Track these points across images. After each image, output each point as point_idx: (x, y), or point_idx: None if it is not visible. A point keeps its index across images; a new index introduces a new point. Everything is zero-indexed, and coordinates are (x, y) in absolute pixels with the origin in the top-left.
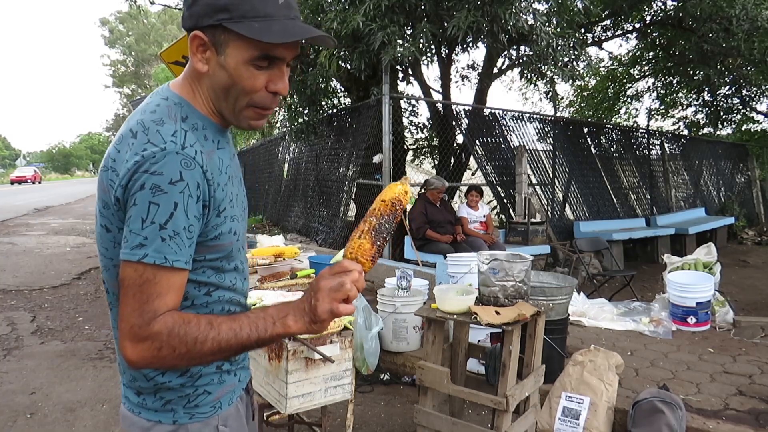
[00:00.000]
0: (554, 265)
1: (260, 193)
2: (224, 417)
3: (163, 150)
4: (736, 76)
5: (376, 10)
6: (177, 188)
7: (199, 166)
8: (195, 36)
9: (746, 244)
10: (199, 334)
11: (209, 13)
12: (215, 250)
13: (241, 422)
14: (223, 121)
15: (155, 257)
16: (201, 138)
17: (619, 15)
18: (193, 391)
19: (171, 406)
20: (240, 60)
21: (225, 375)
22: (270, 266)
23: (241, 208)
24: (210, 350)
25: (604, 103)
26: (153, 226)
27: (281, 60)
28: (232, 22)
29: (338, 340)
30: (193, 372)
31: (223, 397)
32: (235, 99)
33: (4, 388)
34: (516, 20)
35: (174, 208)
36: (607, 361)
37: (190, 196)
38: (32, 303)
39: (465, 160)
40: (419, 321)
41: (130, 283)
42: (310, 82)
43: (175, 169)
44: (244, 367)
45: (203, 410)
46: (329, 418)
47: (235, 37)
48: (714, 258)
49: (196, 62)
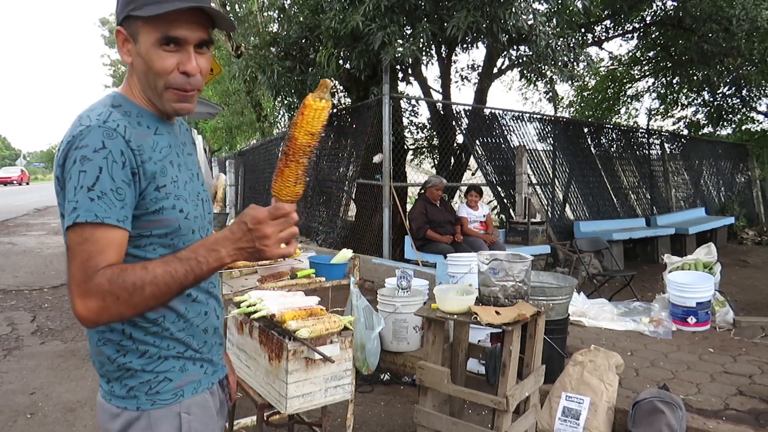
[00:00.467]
0: (554, 265)
1: (260, 193)
2: (187, 405)
3: (88, 126)
4: (736, 76)
5: (375, 10)
6: (100, 155)
7: (121, 136)
8: (118, 32)
9: (746, 244)
10: (137, 279)
11: (122, 8)
12: (160, 225)
13: (209, 414)
14: (160, 111)
15: (86, 216)
16: (134, 122)
17: (619, 15)
18: (154, 378)
19: (134, 393)
20: (149, 44)
21: (188, 363)
22: (270, 266)
23: (195, 198)
24: (151, 293)
25: (604, 103)
26: (82, 191)
27: (185, 41)
28: (137, 10)
29: (338, 340)
30: (152, 353)
31: (186, 385)
32: (153, 83)
33: (4, 388)
34: (516, 20)
35: (99, 172)
36: (607, 361)
37: (114, 162)
38: (32, 303)
39: (465, 160)
40: (419, 321)
41: (72, 245)
42: (309, 82)
43: (98, 139)
44: (212, 361)
45: (164, 397)
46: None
47: (141, 23)
48: (714, 258)
49: (122, 55)
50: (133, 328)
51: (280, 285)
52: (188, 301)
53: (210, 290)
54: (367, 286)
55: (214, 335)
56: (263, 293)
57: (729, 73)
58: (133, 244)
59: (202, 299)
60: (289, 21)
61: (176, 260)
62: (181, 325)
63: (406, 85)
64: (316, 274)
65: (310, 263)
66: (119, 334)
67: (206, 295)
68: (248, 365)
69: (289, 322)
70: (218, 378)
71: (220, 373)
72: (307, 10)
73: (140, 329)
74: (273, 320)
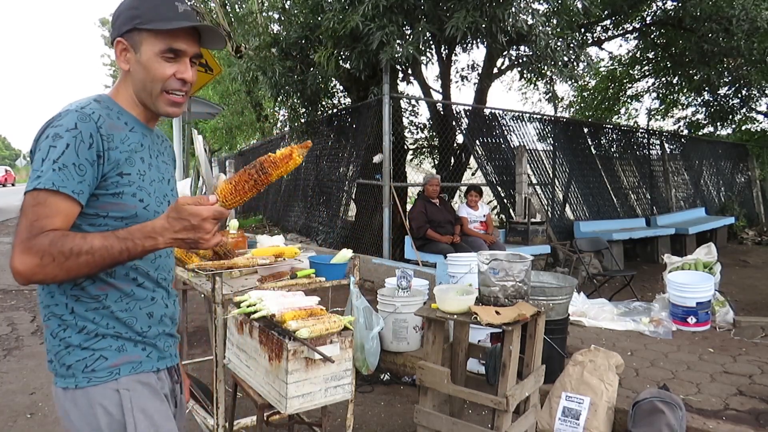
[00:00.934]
0: (554, 265)
1: (260, 193)
2: (125, 383)
3: (66, 111)
4: (736, 76)
5: (374, 10)
6: (71, 134)
7: (94, 121)
8: (118, 42)
9: (746, 244)
10: (74, 246)
11: (127, 22)
12: (117, 208)
13: (155, 391)
14: (144, 114)
15: (45, 183)
16: (111, 115)
17: (619, 15)
18: (90, 355)
19: (72, 371)
20: (151, 54)
21: (128, 344)
22: (270, 266)
23: (160, 196)
24: (86, 262)
25: (604, 103)
26: (48, 162)
27: (184, 53)
28: (144, 23)
29: (338, 340)
30: (89, 330)
31: (123, 365)
32: (151, 87)
33: (4, 388)
34: (515, 20)
35: (66, 148)
36: (607, 361)
37: (82, 141)
38: (32, 303)
39: (465, 160)
40: (419, 321)
41: (25, 206)
42: (309, 82)
43: (72, 121)
44: (156, 346)
45: (100, 374)
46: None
47: (147, 35)
48: (714, 258)
49: (120, 63)
50: (76, 302)
51: (280, 285)
52: (133, 285)
53: (159, 281)
54: (367, 286)
55: (161, 324)
56: (263, 293)
57: (729, 73)
58: (88, 221)
59: (149, 286)
60: (290, 21)
61: (114, 237)
62: (124, 305)
63: (406, 85)
64: (316, 274)
65: (310, 263)
66: (63, 307)
67: (154, 284)
68: (248, 365)
69: (289, 322)
70: (166, 365)
71: (169, 361)
72: (307, 10)
73: (82, 303)
74: (273, 320)
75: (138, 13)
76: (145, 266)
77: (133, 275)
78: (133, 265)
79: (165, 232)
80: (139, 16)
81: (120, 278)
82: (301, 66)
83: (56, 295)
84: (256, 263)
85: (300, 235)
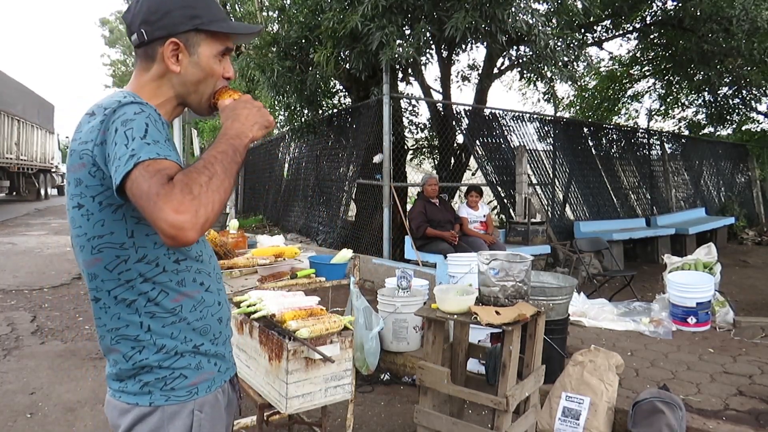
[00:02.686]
0: (554, 265)
1: (260, 193)
2: (200, 403)
3: (120, 102)
4: (737, 76)
5: (374, 11)
6: (142, 116)
7: (151, 107)
8: (171, 42)
9: (746, 244)
10: (200, 163)
11: (184, 21)
12: None
13: (220, 413)
14: (171, 113)
15: (148, 155)
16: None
17: (619, 15)
18: (170, 374)
19: (148, 389)
20: (210, 55)
21: (204, 361)
22: (270, 266)
23: None
24: (222, 170)
25: (604, 103)
26: (135, 140)
27: (230, 51)
28: (206, 24)
29: (338, 340)
30: (169, 348)
31: (201, 383)
32: (204, 88)
33: (4, 388)
34: (515, 21)
35: (147, 127)
36: (607, 361)
37: (156, 120)
38: (32, 303)
39: (465, 160)
40: (419, 321)
41: (136, 178)
42: (309, 82)
43: (134, 108)
44: (224, 357)
45: (179, 393)
46: (329, 418)
47: (205, 36)
48: (714, 258)
49: (170, 65)
50: (152, 319)
51: (280, 285)
52: (202, 290)
53: (218, 281)
54: (367, 286)
55: (227, 327)
56: (263, 293)
57: (729, 73)
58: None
59: (214, 290)
60: (289, 21)
61: (219, 144)
62: (198, 314)
63: (406, 85)
64: (316, 274)
65: (310, 263)
66: (136, 327)
67: (216, 287)
68: (248, 365)
69: (289, 322)
70: (230, 376)
71: (231, 371)
72: (307, 10)
73: (158, 319)
74: (273, 320)
75: (197, 13)
76: (207, 268)
77: (200, 279)
78: (198, 269)
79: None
80: (198, 16)
81: (190, 285)
82: (301, 66)
83: (124, 315)
84: (256, 263)
85: (300, 235)
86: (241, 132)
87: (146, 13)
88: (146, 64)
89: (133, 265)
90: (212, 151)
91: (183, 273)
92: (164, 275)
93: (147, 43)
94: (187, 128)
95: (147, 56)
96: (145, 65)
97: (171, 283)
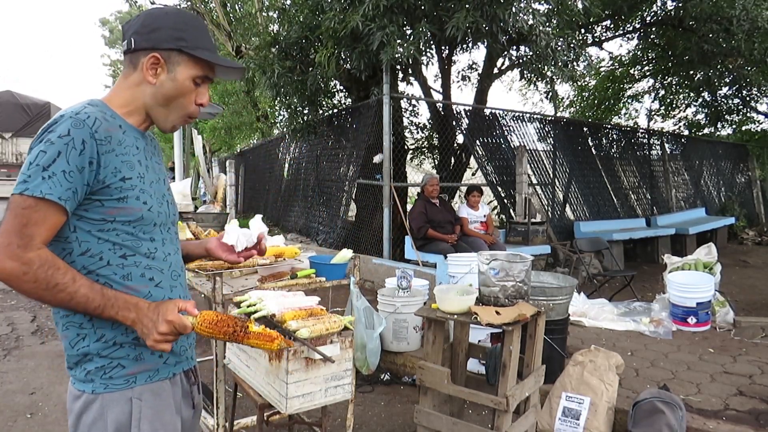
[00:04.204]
0: (554, 265)
1: (260, 193)
2: (139, 391)
3: (62, 116)
4: (737, 76)
5: (375, 11)
6: (63, 141)
7: (88, 126)
8: (153, 55)
9: (746, 244)
10: (61, 282)
11: (170, 40)
12: (124, 212)
13: (166, 402)
14: (142, 123)
15: (34, 191)
16: (108, 117)
17: (619, 15)
18: (108, 363)
19: (91, 377)
20: (187, 76)
21: (145, 353)
22: (270, 266)
23: (160, 197)
24: (61, 300)
25: (604, 103)
26: (37, 168)
27: (209, 80)
28: (190, 48)
29: (338, 340)
30: (108, 338)
31: (140, 374)
32: (174, 106)
33: (4, 388)
34: (515, 20)
35: (57, 155)
36: (607, 361)
37: (74, 148)
38: (32, 303)
39: (465, 160)
40: (419, 321)
41: (14, 206)
42: (310, 82)
43: (66, 127)
44: (172, 352)
45: (117, 382)
46: (329, 418)
47: (186, 58)
48: (714, 258)
49: (147, 75)
50: None
51: (280, 285)
52: (151, 285)
53: (174, 278)
54: (367, 286)
55: None
56: (263, 293)
57: (729, 73)
58: (98, 227)
59: (165, 285)
60: (290, 21)
61: (99, 293)
62: None
63: (406, 85)
64: (316, 274)
65: (310, 263)
66: (81, 315)
67: (169, 283)
68: (248, 365)
69: (290, 322)
70: (182, 369)
71: (185, 365)
72: (307, 10)
73: None
74: (273, 320)
75: (184, 36)
76: (160, 266)
77: (149, 275)
78: (149, 265)
79: (140, 312)
80: (184, 39)
81: (137, 280)
82: (301, 66)
83: None
84: (256, 263)
85: (300, 235)
86: (131, 314)
87: (140, 26)
88: (129, 70)
89: (77, 258)
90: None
91: (129, 268)
92: (108, 269)
93: (133, 51)
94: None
95: (131, 63)
96: (128, 71)
97: (115, 277)
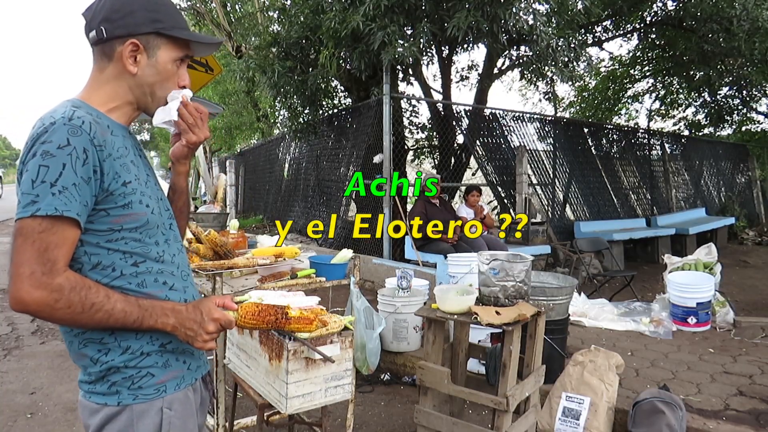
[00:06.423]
0: (554, 265)
1: (260, 193)
2: (169, 400)
3: (53, 123)
4: (737, 76)
5: (375, 10)
6: (65, 152)
7: (86, 132)
8: (131, 42)
9: (747, 244)
10: (96, 302)
11: (147, 23)
12: (130, 219)
13: (191, 410)
14: (126, 117)
15: (47, 209)
16: (96, 118)
17: (620, 15)
18: (136, 373)
19: (116, 388)
20: (168, 59)
21: (171, 359)
22: (270, 266)
23: (156, 198)
24: (99, 320)
25: (604, 103)
26: (44, 185)
27: (187, 59)
28: (167, 29)
29: (339, 340)
30: (134, 349)
31: (169, 381)
32: (159, 91)
33: (4, 388)
34: (516, 20)
35: (63, 168)
36: (607, 361)
37: (77, 158)
38: None
39: (465, 160)
40: (420, 321)
41: (28, 232)
42: (310, 82)
43: (63, 136)
44: (193, 355)
45: (147, 392)
46: (329, 418)
47: (165, 41)
48: (714, 258)
49: (128, 65)
50: None
51: (280, 285)
52: (166, 289)
53: (184, 278)
54: (367, 286)
55: None
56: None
57: (729, 73)
58: (106, 238)
59: (179, 287)
60: (290, 21)
61: (135, 305)
62: None
63: (406, 85)
64: (316, 274)
65: (310, 263)
66: (100, 331)
67: (182, 285)
68: (248, 365)
69: None
70: (201, 374)
71: (203, 369)
72: (308, 10)
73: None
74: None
75: (159, 17)
76: (170, 268)
77: (162, 279)
78: (160, 269)
79: (180, 316)
80: (160, 20)
81: (152, 286)
82: (302, 66)
83: None
84: (256, 263)
85: (300, 235)
86: (170, 319)
87: (108, 11)
88: (102, 63)
89: (89, 273)
90: (130, 306)
91: (143, 275)
92: (122, 279)
93: (105, 41)
94: None
95: (104, 55)
96: (102, 64)
97: (131, 286)
